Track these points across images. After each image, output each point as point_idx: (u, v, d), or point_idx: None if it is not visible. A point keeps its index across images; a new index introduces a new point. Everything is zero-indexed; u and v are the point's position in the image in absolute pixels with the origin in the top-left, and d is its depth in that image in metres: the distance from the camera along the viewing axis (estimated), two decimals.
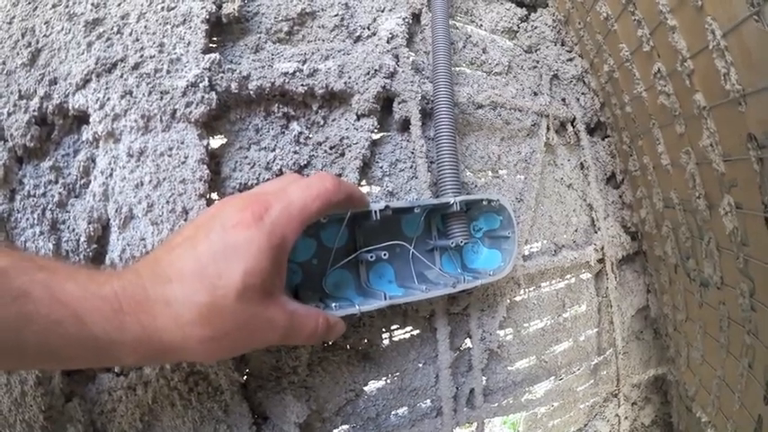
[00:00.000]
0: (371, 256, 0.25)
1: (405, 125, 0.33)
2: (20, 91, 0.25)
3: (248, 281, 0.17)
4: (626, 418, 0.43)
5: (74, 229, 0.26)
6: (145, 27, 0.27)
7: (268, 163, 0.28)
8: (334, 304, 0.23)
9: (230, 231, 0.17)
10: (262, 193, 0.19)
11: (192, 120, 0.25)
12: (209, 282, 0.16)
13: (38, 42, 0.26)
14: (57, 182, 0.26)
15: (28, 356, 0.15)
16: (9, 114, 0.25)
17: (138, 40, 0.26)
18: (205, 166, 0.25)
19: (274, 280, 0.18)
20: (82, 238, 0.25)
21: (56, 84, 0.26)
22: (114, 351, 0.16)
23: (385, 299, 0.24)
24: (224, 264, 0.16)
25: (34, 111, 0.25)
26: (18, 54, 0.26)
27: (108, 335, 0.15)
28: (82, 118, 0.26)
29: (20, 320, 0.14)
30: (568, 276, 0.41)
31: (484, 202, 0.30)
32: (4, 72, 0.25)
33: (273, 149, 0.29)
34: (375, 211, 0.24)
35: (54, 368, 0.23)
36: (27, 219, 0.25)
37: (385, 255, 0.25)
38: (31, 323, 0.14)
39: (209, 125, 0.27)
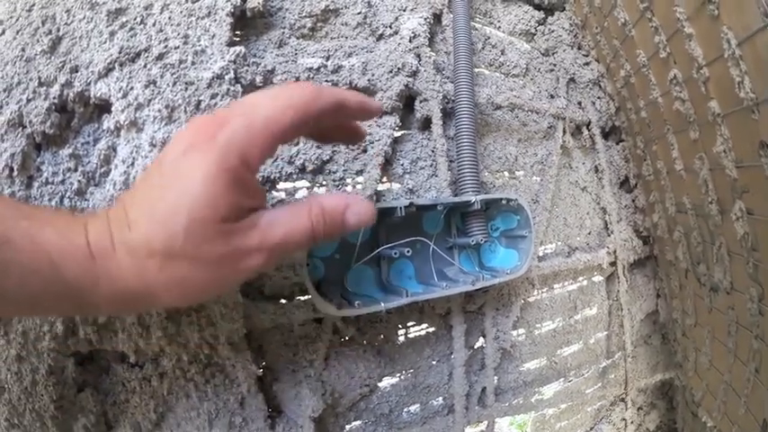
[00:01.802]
0: (395, 253, 0.25)
1: (426, 124, 0.33)
2: (40, 78, 0.25)
3: (196, 216, 0.14)
4: (632, 422, 0.44)
5: None
6: (169, 18, 0.27)
7: (291, 157, 0.28)
8: (357, 302, 0.24)
9: (179, 160, 0.14)
10: (223, 108, 0.17)
11: None
12: (160, 225, 0.14)
13: (59, 30, 0.26)
14: (76, 170, 0.26)
15: (8, 303, 0.14)
16: (28, 101, 0.25)
17: (161, 30, 0.26)
18: None
19: (235, 206, 0.15)
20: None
21: (77, 72, 0.26)
22: (89, 300, 0.15)
23: (407, 296, 0.24)
24: (172, 200, 0.14)
25: (54, 98, 0.25)
26: (38, 41, 0.26)
27: (81, 284, 0.14)
28: (103, 107, 0.26)
29: (1, 266, 0.13)
30: (581, 278, 0.41)
31: (503, 202, 0.30)
32: (24, 58, 0.25)
33: (296, 143, 0.29)
34: (400, 208, 0.24)
35: (36, 315, 0.21)
36: (45, 206, 0.25)
37: (408, 252, 0.25)
38: (12, 269, 0.13)
39: None
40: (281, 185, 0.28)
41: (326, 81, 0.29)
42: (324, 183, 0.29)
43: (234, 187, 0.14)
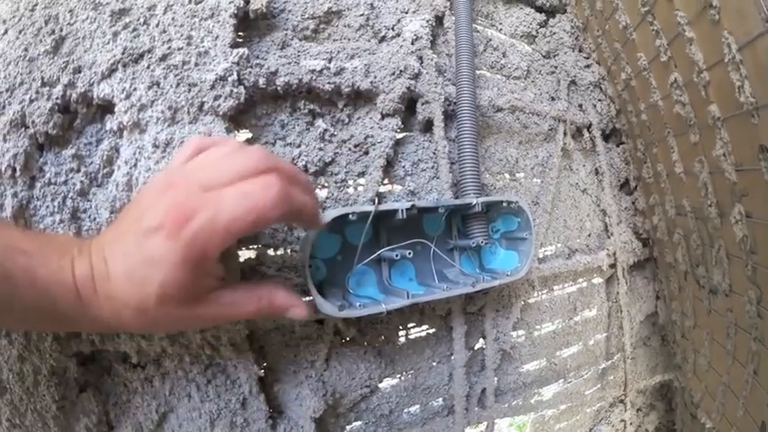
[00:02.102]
0: (396, 255, 0.25)
1: (427, 126, 0.33)
2: (42, 78, 0.25)
3: (165, 291, 0.17)
4: (631, 423, 0.44)
5: (95, 219, 0.26)
6: (172, 19, 0.27)
7: (293, 159, 0.28)
8: (358, 303, 0.24)
9: (150, 239, 0.17)
10: (193, 186, 0.18)
11: (220, 113, 0.25)
12: (136, 286, 0.17)
13: (62, 30, 0.26)
14: (78, 170, 0.26)
15: (15, 324, 0.20)
16: (31, 101, 0.25)
17: (165, 31, 0.26)
18: None
19: (199, 285, 0.18)
20: (103, 228, 0.25)
21: (80, 72, 0.26)
22: (79, 326, 0.20)
23: (408, 297, 0.24)
24: (146, 270, 0.17)
25: (57, 98, 0.25)
26: (41, 41, 0.26)
27: (72, 316, 0.18)
28: (106, 107, 0.26)
29: (5, 299, 0.17)
30: (581, 280, 0.41)
31: (504, 204, 0.30)
32: (27, 59, 0.25)
33: (299, 145, 0.29)
34: (402, 210, 0.24)
35: (35, 330, 0.25)
36: (47, 206, 0.25)
37: (410, 254, 0.25)
38: (15, 301, 0.17)
39: (235, 119, 0.27)
40: None
41: (329, 83, 0.29)
42: (326, 184, 0.29)
43: (195, 273, 0.18)
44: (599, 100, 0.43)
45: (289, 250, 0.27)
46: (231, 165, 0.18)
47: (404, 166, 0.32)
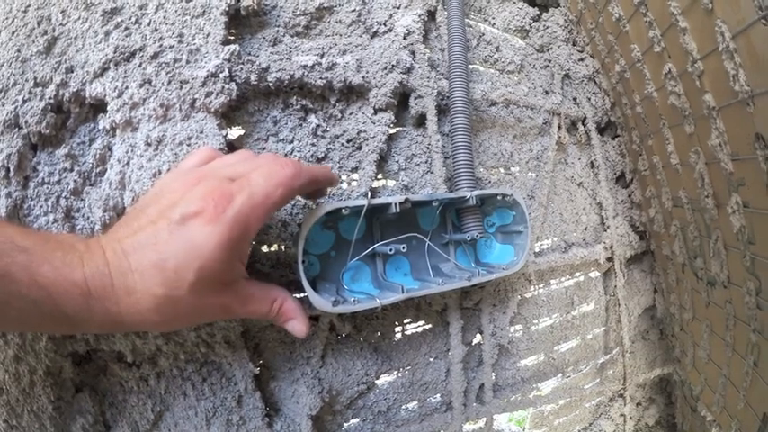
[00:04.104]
0: (390, 249, 0.25)
1: (420, 120, 0.33)
2: (35, 78, 0.25)
3: (203, 276, 0.17)
4: (631, 417, 0.44)
5: (88, 218, 0.26)
6: (164, 17, 0.27)
7: (286, 155, 0.28)
8: (352, 298, 0.24)
9: (190, 224, 0.17)
10: (223, 177, 0.19)
11: (212, 110, 0.25)
12: (167, 276, 0.17)
13: (54, 31, 0.26)
14: (72, 170, 0.26)
15: (10, 326, 0.19)
16: (24, 101, 0.25)
17: (156, 30, 0.26)
18: None
19: (232, 271, 0.19)
20: (97, 227, 0.25)
21: (72, 72, 0.26)
22: (83, 326, 0.18)
23: (403, 292, 0.24)
24: (183, 258, 0.17)
25: (50, 98, 0.25)
26: (34, 42, 0.26)
27: (78, 315, 0.17)
28: (98, 107, 0.26)
29: (3, 297, 0.16)
30: (578, 274, 0.41)
31: (498, 197, 0.30)
32: (20, 59, 0.25)
33: (291, 141, 0.29)
34: (395, 204, 0.24)
35: (33, 332, 0.24)
36: (41, 206, 0.25)
37: (404, 248, 0.25)
38: (13, 301, 0.16)
39: (227, 116, 0.27)
40: None
41: (321, 79, 0.29)
42: None
43: (235, 254, 0.18)
44: (593, 93, 0.42)
45: (282, 247, 0.27)
46: (250, 163, 0.20)
47: (397, 161, 0.32)
